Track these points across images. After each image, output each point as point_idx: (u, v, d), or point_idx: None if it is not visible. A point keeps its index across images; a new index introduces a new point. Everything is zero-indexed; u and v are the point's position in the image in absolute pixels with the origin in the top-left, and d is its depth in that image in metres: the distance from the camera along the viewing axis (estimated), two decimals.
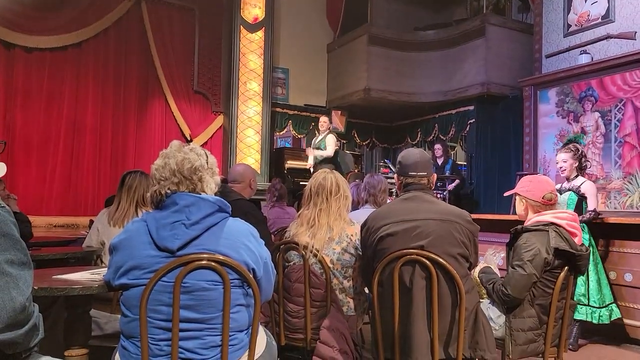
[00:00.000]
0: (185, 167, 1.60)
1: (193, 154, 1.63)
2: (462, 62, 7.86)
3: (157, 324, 1.49)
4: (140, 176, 2.99)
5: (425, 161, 2.09)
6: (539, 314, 2.13)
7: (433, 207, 1.97)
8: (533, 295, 2.14)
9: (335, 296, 2.31)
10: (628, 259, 3.57)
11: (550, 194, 2.31)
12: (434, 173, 2.12)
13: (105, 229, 2.93)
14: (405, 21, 9.43)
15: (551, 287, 2.12)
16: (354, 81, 8.48)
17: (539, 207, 2.32)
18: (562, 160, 3.68)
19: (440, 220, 1.92)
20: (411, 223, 1.90)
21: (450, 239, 1.89)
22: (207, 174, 1.64)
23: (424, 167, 2.06)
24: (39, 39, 6.98)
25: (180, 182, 1.59)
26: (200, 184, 1.61)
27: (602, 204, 5.98)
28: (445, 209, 2.01)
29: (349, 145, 9.38)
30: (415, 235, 1.88)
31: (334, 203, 2.37)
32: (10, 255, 1.23)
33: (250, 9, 8.27)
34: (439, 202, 2.08)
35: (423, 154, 2.15)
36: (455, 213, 1.98)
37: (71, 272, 1.98)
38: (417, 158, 2.09)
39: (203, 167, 1.63)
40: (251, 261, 1.59)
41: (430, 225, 1.90)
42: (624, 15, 6.06)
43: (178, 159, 1.61)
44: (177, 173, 1.59)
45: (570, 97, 6.41)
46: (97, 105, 7.45)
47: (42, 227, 6.44)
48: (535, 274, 2.09)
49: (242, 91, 8.17)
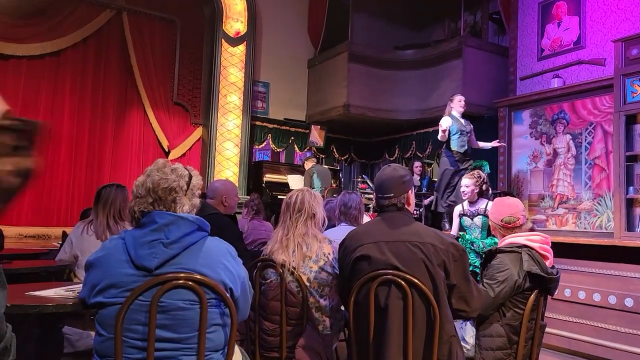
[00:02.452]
0: (160, 187, 1.60)
1: (173, 175, 1.63)
2: (439, 82, 8.02)
3: (133, 343, 1.48)
4: (115, 190, 2.98)
5: (394, 181, 1.97)
6: (508, 333, 2.17)
7: (405, 230, 1.90)
8: (503, 315, 2.18)
9: (311, 314, 2.32)
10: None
11: (510, 217, 2.35)
12: (409, 190, 2.00)
13: (78, 241, 2.90)
14: (385, 40, 9.60)
15: (522, 308, 2.17)
16: (333, 97, 8.57)
17: (500, 230, 2.38)
18: (465, 185, 4.00)
19: (409, 242, 1.84)
20: (383, 245, 1.87)
21: (418, 263, 1.82)
22: (183, 196, 1.63)
23: (391, 188, 1.96)
24: (15, 47, 6.89)
25: (155, 201, 1.60)
26: (173, 205, 1.61)
27: (572, 224, 6.15)
28: (417, 231, 1.90)
29: (328, 160, 9.44)
30: (387, 259, 1.84)
31: (298, 222, 2.39)
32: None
33: (232, 23, 8.31)
34: (412, 224, 1.95)
35: (393, 172, 2.01)
36: (430, 235, 1.88)
37: (44, 288, 1.96)
38: (384, 178, 2.00)
39: (181, 188, 1.63)
40: (229, 280, 1.60)
41: (401, 248, 1.84)
42: (594, 42, 6.31)
43: (154, 179, 1.61)
44: (152, 192, 1.60)
45: (543, 119, 6.60)
46: (73, 115, 7.36)
47: (13, 238, 6.29)
48: (503, 296, 2.14)
49: (222, 104, 8.18)
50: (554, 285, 2.21)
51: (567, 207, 6.23)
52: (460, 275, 1.86)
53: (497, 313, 2.19)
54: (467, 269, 1.90)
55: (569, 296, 3.76)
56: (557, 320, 3.80)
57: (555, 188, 6.39)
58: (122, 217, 2.93)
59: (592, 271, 3.67)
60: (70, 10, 7.32)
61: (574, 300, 3.74)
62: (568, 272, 3.75)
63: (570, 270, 3.77)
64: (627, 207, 5.25)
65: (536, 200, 6.56)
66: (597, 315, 3.60)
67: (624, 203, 5.24)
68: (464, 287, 1.87)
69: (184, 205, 1.63)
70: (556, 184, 6.38)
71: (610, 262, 3.58)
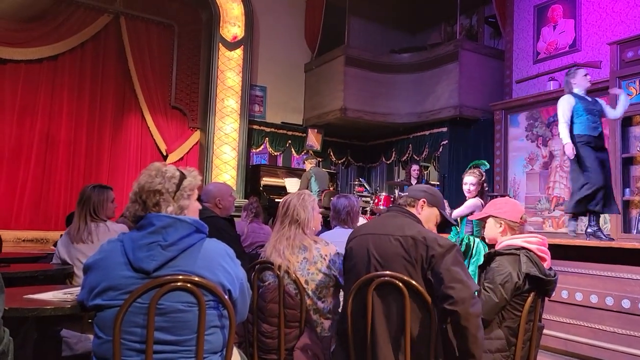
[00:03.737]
0: (145, 191, 1.61)
1: (158, 178, 1.62)
2: (435, 85, 8.06)
3: (131, 345, 1.48)
4: (91, 189, 3.00)
5: (416, 187, 2.21)
6: (507, 335, 2.18)
7: (392, 223, 1.98)
8: (502, 318, 2.19)
9: (309, 317, 2.33)
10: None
11: (524, 214, 2.43)
12: (423, 199, 2.11)
13: (62, 247, 2.92)
14: (382, 43, 9.64)
15: (520, 310, 2.18)
16: (330, 101, 8.60)
17: (517, 228, 2.40)
18: (471, 183, 3.97)
19: (392, 235, 1.89)
20: (369, 238, 1.96)
21: (395, 257, 1.85)
22: (170, 198, 1.62)
23: (410, 190, 2.18)
24: (14, 51, 6.90)
25: (139, 204, 1.61)
26: (157, 207, 1.60)
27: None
28: (402, 225, 1.93)
29: (325, 164, 9.46)
30: (367, 251, 1.94)
31: (285, 225, 2.42)
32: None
33: (230, 27, 8.34)
34: (400, 219, 2.01)
35: (423, 184, 2.29)
36: (412, 230, 1.89)
37: (42, 292, 1.96)
38: (413, 186, 2.26)
39: (167, 190, 1.62)
40: (227, 282, 1.60)
41: (383, 241, 1.91)
42: (590, 45, 6.34)
43: (141, 182, 1.62)
44: (138, 195, 1.61)
45: (539, 121, 6.63)
46: (71, 119, 7.36)
47: (10, 242, 6.28)
48: (506, 298, 2.15)
49: (219, 108, 8.19)
50: (552, 287, 2.22)
51: (564, 209, 6.24)
52: (445, 267, 1.78)
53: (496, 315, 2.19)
54: (455, 262, 1.81)
55: (566, 298, 3.77)
56: (554, 321, 3.81)
57: (551, 190, 6.42)
58: (97, 215, 2.93)
59: (589, 273, 3.68)
60: (68, 14, 7.34)
61: (571, 302, 3.75)
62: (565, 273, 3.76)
63: (567, 272, 3.78)
64: (624, 208, 5.27)
65: (532, 202, 6.59)
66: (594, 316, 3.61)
67: (621, 205, 5.26)
68: (447, 276, 1.77)
69: (168, 206, 1.61)
70: (552, 186, 6.41)
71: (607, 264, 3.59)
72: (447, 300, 1.75)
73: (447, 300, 1.75)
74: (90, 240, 2.86)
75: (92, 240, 2.86)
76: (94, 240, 2.86)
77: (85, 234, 2.88)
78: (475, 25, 9.23)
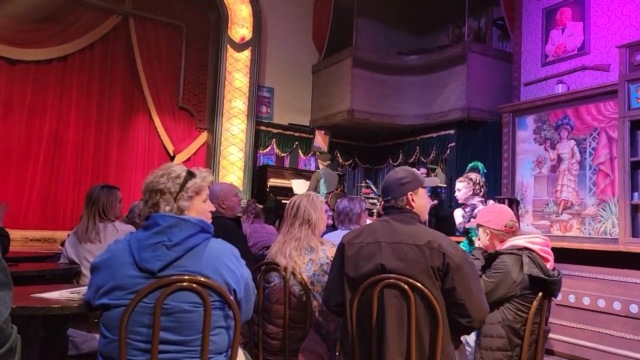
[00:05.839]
0: (148, 190, 1.64)
1: (163, 178, 1.64)
2: (443, 87, 8.04)
3: (137, 345, 1.50)
4: (100, 189, 3.02)
5: (391, 183, 1.98)
6: (509, 335, 2.17)
7: (402, 230, 1.86)
8: (505, 317, 2.19)
9: (314, 318, 2.33)
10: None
11: (511, 221, 2.41)
12: (409, 192, 1.95)
13: (70, 246, 2.94)
14: (389, 45, 9.63)
15: (524, 311, 2.17)
16: (338, 102, 8.60)
17: (503, 236, 2.40)
18: (457, 188, 4.04)
19: (390, 243, 1.81)
20: (364, 245, 1.87)
21: (413, 265, 1.77)
22: (171, 198, 1.63)
23: (389, 191, 1.98)
24: (23, 51, 6.96)
25: (144, 202, 1.65)
26: (156, 207, 1.62)
27: (577, 229, 6.13)
28: (413, 232, 1.83)
29: (332, 165, 9.44)
30: (365, 256, 1.84)
31: (294, 227, 2.42)
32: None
33: (238, 28, 8.37)
34: (410, 225, 1.89)
35: (393, 175, 2.01)
36: (424, 237, 1.80)
37: (50, 290, 1.97)
38: (384, 182, 2.03)
39: (169, 190, 1.63)
40: (232, 282, 1.61)
41: (383, 248, 1.82)
42: (598, 48, 6.30)
43: (147, 180, 1.66)
44: (143, 194, 1.66)
45: (547, 124, 6.60)
46: (80, 119, 7.41)
47: (18, 241, 6.33)
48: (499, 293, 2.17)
49: (226, 109, 8.22)
50: (557, 287, 2.21)
51: (572, 212, 6.21)
52: (459, 280, 1.75)
53: (498, 314, 2.19)
54: (470, 274, 1.79)
55: (573, 302, 3.75)
56: (562, 326, 3.78)
57: (559, 194, 6.37)
58: (106, 215, 2.95)
59: (596, 277, 3.66)
60: (77, 15, 7.39)
61: (578, 306, 3.73)
62: (572, 277, 3.74)
63: (575, 276, 3.76)
64: (632, 212, 5.23)
65: (540, 205, 6.55)
66: (601, 321, 3.59)
67: (629, 209, 5.22)
68: (463, 291, 1.74)
69: (166, 206, 1.62)
70: (560, 189, 6.37)
71: (615, 268, 3.57)
72: (464, 318, 1.78)
73: (464, 318, 1.78)
74: (98, 240, 2.88)
75: (99, 240, 2.88)
76: (101, 240, 2.88)
77: (93, 233, 2.90)
78: (484, 27, 9.20)
